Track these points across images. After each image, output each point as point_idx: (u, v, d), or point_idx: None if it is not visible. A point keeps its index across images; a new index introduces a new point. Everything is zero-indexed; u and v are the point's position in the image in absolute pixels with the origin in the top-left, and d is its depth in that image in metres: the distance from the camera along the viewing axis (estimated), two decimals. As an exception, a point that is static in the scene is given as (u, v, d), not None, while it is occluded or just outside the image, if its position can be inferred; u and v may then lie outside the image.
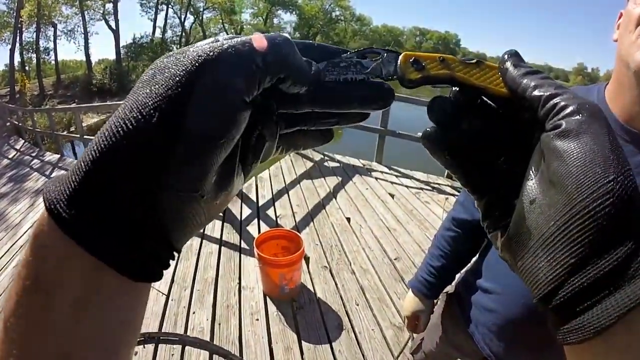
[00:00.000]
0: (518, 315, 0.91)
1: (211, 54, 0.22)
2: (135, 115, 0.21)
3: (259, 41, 0.24)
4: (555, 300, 0.22)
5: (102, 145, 0.21)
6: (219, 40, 0.24)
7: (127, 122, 0.21)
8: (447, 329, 1.19)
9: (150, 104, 0.21)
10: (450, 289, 1.23)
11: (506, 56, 0.28)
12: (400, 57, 0.28)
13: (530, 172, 0.25)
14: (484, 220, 0.30)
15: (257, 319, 2.45)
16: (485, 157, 0.29)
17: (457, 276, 1.21)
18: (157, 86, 0.22)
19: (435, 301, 1.23)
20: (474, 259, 1.15)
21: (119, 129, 0.21)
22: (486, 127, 0.29)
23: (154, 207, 0.21)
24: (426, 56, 0.28)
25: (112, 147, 0.21)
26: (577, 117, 0.23)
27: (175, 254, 0.24)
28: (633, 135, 0.71)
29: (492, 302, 0.99)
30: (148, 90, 0.22)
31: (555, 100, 0.24)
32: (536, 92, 0.25)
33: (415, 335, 1.32)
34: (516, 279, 0.27)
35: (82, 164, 0.21)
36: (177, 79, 0.22)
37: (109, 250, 0.21)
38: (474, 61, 0.28)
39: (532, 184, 0.25)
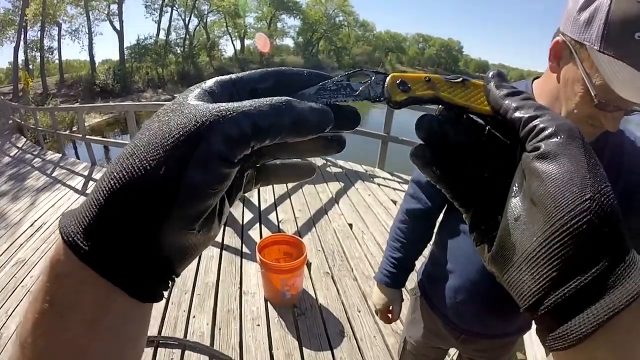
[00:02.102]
0: (481, 282, 1.01)
1: (213, 119, 0.24)
2: (144, 164, 0.23)
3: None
4: (540, 310, 0.24)
5: (114, 186, 0.23)
6: (216, 96, 0.27)
7: (136, 169, 0.23)
8: (424, 318, 1.27)
9: (157, 156, 0.23)
10: (414, 283, 1.34)
11: (490, 76, 0.30)
12: (388, 78, 0.29)
13: (514, 189, 0.27)
14: (472, 232, 0.31)
15: (258, 325, 2.43)
16: (471, 171, 0.30)
17: (419, 270, 1.32)
18: (163, 140, 0.24)
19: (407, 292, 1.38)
20: (430, 250, 1.25)
21: (130, 175, 0.23)
22: (473, 142, 0.30)
23: (159, 243, 0.24)
24: (413, 77, 0.29)
25: (123, 190, 0.23)
26: (556, 139, 0.25)
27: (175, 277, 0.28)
28: None
29: (456, 280, 1.08)
30: (156, 143, 0.24)
31: (535, 123, 0.26)
32: (517, 114, 0.27)
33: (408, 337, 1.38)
34: (470, 252, 0.27)
35: (95, 201, 0.24)
36: (182, 139, 0.24)
37: (123, 277, 0.24)
38: (459, 80, 0.29)
39: (515, 202, 0.26)
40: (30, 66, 27.09)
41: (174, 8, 35.06)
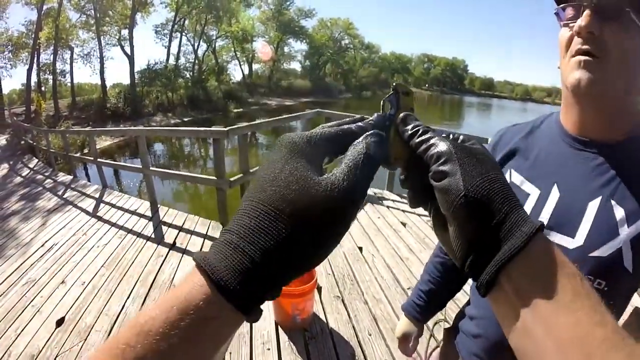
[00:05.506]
0: (499, 339, 0.94)
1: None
2: (287, 231, 0.31)
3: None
4: (467, 269, 0.34)
5: (261, 246, 0.30)
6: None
7: (283, 233, 0.30)
8: (450, 350, 1.22)
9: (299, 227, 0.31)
10: (445, 323, 1.30)
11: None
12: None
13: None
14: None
15: (269, 349, 2.41)
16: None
17: (453, 308, 1.27)
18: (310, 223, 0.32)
19: (430, 327, 1.33)
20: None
21: (277, 239, 0.30)
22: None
23: (281, 287, 0.32)
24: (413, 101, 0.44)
25: (267, 253, 0.30)
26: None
27: None
28: (585, 143, 0.81)
29: (476, 328, 1.02)
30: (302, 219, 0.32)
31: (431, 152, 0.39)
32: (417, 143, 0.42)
33: None
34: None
35: (247, 252, 0.30)
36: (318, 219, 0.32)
37: (253, 312, 0.31)
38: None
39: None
40: (43, 88, 27.52)
41: (183, 34, 35.88)
